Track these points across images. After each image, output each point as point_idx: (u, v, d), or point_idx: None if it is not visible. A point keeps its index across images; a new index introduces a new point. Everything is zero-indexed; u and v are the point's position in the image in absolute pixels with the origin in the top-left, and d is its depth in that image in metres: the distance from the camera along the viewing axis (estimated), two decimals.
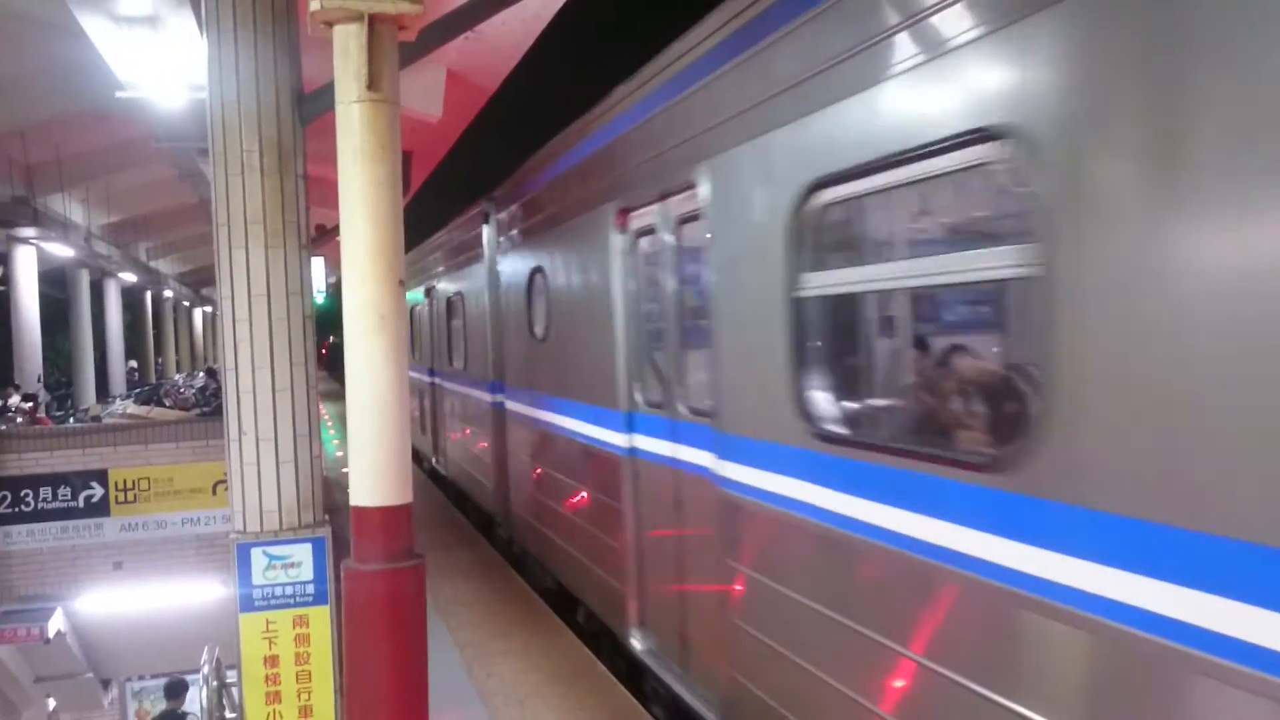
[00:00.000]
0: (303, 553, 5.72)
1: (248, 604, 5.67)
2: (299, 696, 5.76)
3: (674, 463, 5.51)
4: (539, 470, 8.62)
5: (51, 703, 11.74)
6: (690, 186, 5.01)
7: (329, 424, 24.73)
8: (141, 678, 12.33)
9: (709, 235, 4.83)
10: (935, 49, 3.09)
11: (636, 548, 6.14)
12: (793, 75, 3.92)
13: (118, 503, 10.56)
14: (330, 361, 36.11)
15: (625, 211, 6.07)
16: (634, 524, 6.17)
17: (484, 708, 6.35)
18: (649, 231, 5.82)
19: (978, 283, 3.28)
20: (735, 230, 4.55)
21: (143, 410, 15.49)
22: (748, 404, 4.53)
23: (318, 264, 20.13)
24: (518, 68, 12.02)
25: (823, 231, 3.93)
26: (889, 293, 3.86)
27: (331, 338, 45.76)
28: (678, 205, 5.32)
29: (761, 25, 4.19)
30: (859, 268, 3.93)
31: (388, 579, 3.90)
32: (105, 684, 12.10)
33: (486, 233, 10.37)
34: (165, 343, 37.95)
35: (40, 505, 10.38)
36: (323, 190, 8.91)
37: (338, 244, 4.00)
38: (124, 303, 29.65)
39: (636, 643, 6.18)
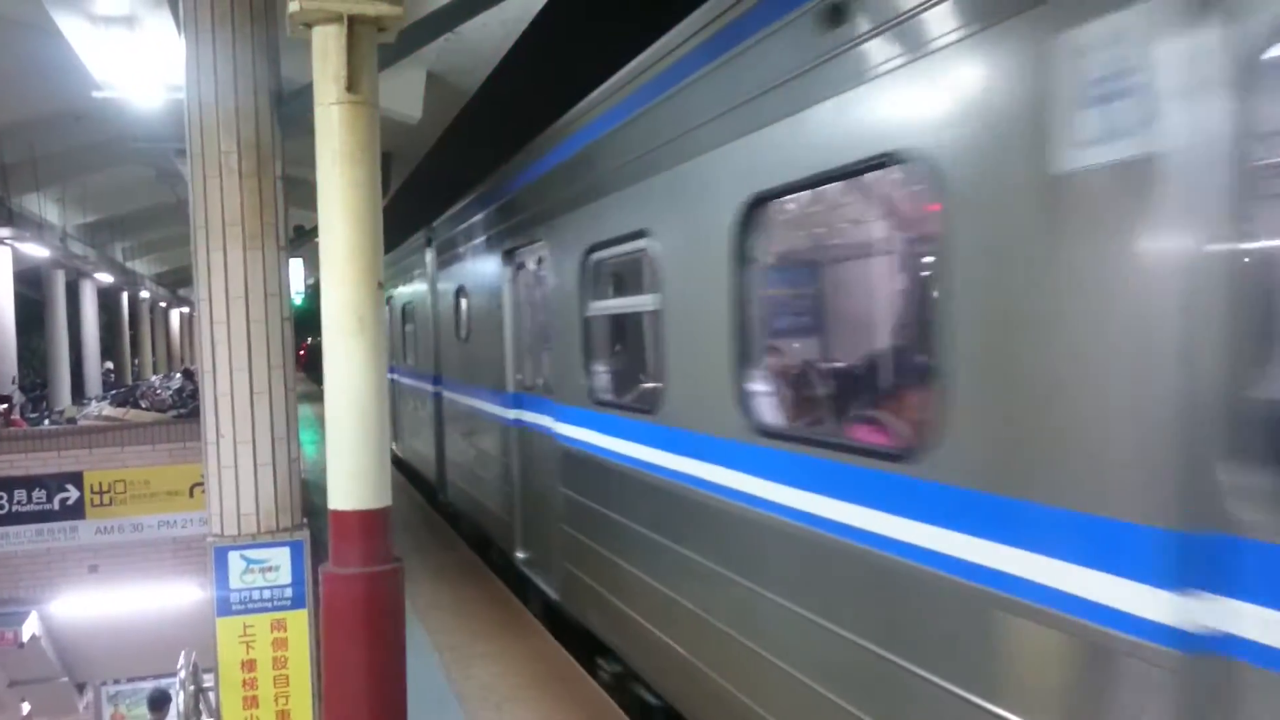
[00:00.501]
0: (280, 556, 5.69)
1: (225, 608, 5.63)
2: (277, 701, 5.73)
3: (536, 427, 7.66)
4: (462, 442, 10.95)
5: (26, 707, 11.63)
6: (541, 238, 7.23)
7: (307, 426, 24.58)
8: (117, 681, 12.22)
9: (548, 271, 7.08)
10: (624, 184, 5.42)
11: (520, 489, 8.40)
12: (581, 183, 6.25)
13: (93, 505, 10.42)
14: (309, 363, 35.89)
15: (511, 250, 8.28)
16: (517, 473, 8.42)
17: (462, 711, 6.34)
18: (523, 265, 8.12)
19: (645, 313, 5.63)
20: (557, 270, 6.82)
21: (119, 412, 15.36)
22: (566, 383, 6.69)
23: (296, 265, 20.03)
24: (494, 73, 12.06)
25: (595, 276, 6.17)
26: (617, 316, 6.24)
27: (310, 339, 45.47)
28: (537, 250, 7.55)
29: (569, 144, 6.54)
30: (603, 300, 6.19)
31: (366, 582, 3.89)
32: (80, 688, 12.00)
33: (429, 255, 12.78)
34: (142, 344, 37.62)
35: (14, 508, 10.24)
36: (302, 192, 8.85)
37: (316, 245, 3.99)
38: (100, 303, 29.38)
39: (519, 555, 8.42)
